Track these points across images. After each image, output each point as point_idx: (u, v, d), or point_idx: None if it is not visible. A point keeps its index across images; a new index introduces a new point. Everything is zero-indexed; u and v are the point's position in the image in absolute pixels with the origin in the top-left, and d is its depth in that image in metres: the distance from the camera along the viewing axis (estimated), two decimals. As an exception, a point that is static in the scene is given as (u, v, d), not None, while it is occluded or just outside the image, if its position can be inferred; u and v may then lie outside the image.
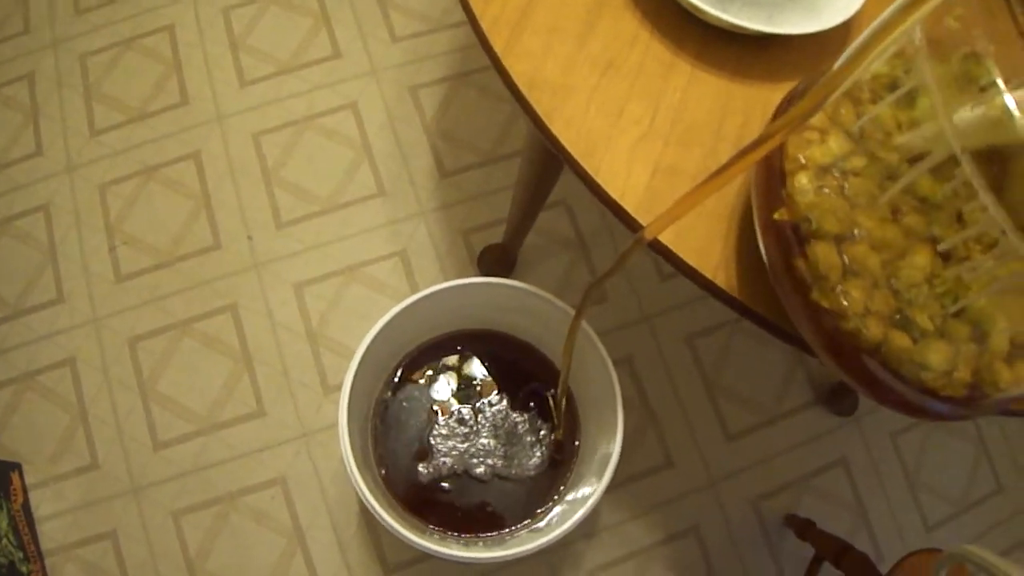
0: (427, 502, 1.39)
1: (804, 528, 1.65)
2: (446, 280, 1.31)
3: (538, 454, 1.40)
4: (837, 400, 1.81)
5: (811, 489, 1.79)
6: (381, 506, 1.14)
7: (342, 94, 1.91)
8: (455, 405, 1.44)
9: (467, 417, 1.43)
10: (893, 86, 0.66)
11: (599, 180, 0.81)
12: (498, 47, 0.86)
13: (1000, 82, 0.51)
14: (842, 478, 1.81)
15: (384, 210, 1.83)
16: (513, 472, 1.39)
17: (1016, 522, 1.93)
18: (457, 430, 1.42)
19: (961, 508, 1.89)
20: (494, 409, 1.43)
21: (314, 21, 1.96)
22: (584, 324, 1.23)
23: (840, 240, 0.67)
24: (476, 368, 1.47)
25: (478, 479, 1.39)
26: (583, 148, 0.82)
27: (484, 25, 0.87)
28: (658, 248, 0.80)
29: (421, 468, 1.40)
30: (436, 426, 1.42)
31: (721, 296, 0.80)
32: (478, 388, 1.45)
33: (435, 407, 1.44)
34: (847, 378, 0.69)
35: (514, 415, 1.43)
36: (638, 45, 0.88)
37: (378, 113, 1.90)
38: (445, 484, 1.40)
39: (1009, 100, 0.51)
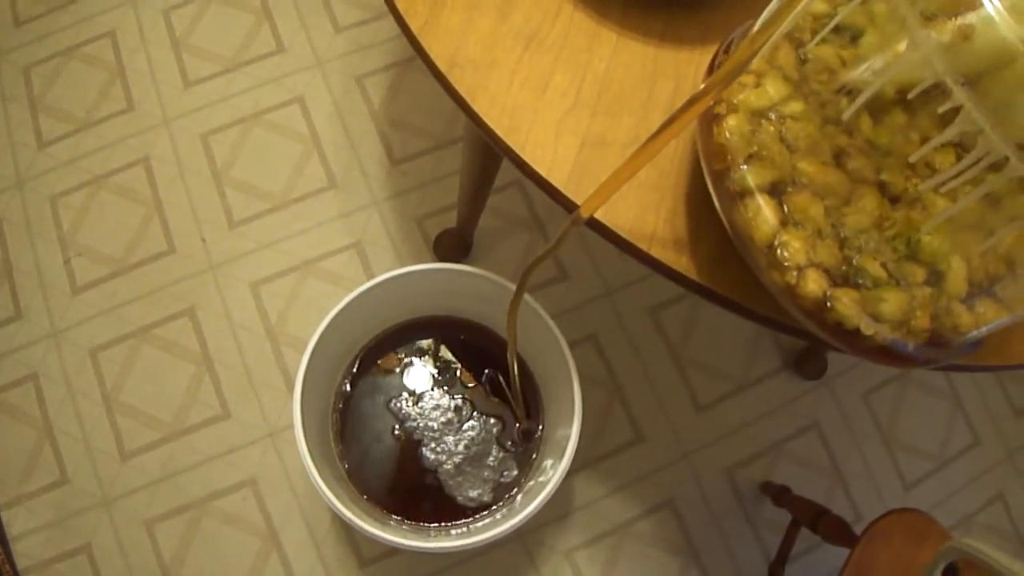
0: (396, 494, 1.37)
1: (780, 494, 1.64)
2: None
3: (481, 491, 1.38)
4: (806, 364, 1.80)
5: (785, 455, 1.78)
6: (343, 501, 1.13)
7: (288, 88, 1.88)
8: (429, 392, 1.42)
9: (442, 404, 1.41)
10: (835, 25, 0.64)
11: (525, 157, 0.79)
12: (415, 26, 0.84)
13: None
14: (816, 442, 1.81)
15: (336, 202, 1.81)
16: (451, 483, 1.38)
17: (995, 474, 1.92)
18: (431, 416, 1.40)
19: (939, 464, 1.89)
20: (470, 424, 1.41)
21: (256, 17, 1.93)
22: (536, 305, 1.21)
23: (779, 188, 0.65)
24: (445, 355, 1.45)
25: (430, 468, 1.38)
26: (507, 125, 0.80)
27: (401, 5, 0.85)
28: (593, 225, 0.78)
29: (394, 459, 1.38)
30: (406, 413, 1.40)
31: (659, 268, 0.78)
32: (451, 375, 1.43)
33: (404, 395, 1.42)
34: (815, 331, 0.67)
35: (485, 434, 1.41)
36: (561, 16, 0.86)
37: (325, 105, 1.87)
38: (413, 475, 1.38)
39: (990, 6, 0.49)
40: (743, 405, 1.79)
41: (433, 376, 1.43)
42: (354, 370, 1.41)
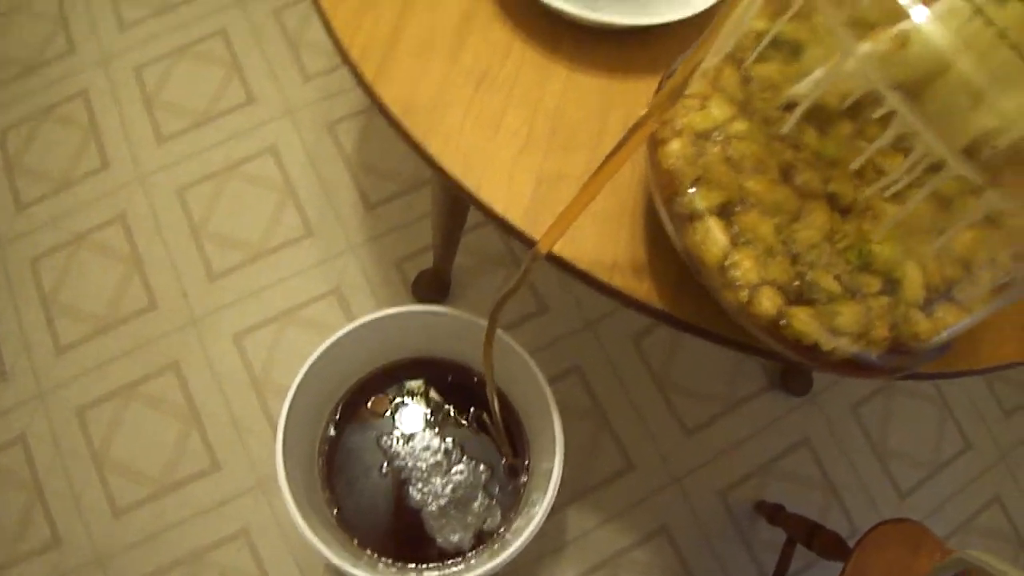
0: (385, 536, 1.36)
1: (774, 513, 1.64)
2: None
3: (462, 535, 1.37)
4: (791, 381, 1.81)
5: (777, 473, 1.78)
6: (332, 548, 1.12)
7: (260, 139, 1.89)
8: (420, 433, 1.42)
9: (432, 446, 1.41)
10: (775, 42, 0.64)
11: (481, 197, 0.80)
12: (369, 75, 0.84)
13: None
14: (807, 458, 1.81)
15: (314, 250, 1.81)
16: (434, 524, 1.38)
17: (989, 476, 1.93)
18: (420, 456, 1.40)
19: (932, 471, 1.89)
20: (459, 468, 1.40)
21: (225, 70, 1.95)
22: (511, 341, 1.21)
23: (728, 208, 0.65)
24: (434, 396, 1.45)
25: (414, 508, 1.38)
26: (463, 167, 0.81)
27: (354, 55, 0.85)
28: (553, 259, 0.79)
29: (382, 499, 1.38)
30: (395, 452, 1.40)
31: (621, 297, 0.79)
32: (442, 416, 1.43)
33: (395, 434, 1.42)
34: (776, 349, 0.67)
35: (472, 479, 1.40)
36: (512, 54, 0.87)
37: (298, 154, 1.89)
38: (400, 516, 1.38)
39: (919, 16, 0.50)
40: (731, 426, 1.79)
41: (423, 417, 1.43)
42: (338, 415, 1.41)
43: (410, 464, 1.39)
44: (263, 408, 1.71)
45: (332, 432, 1.41)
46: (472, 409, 1.43)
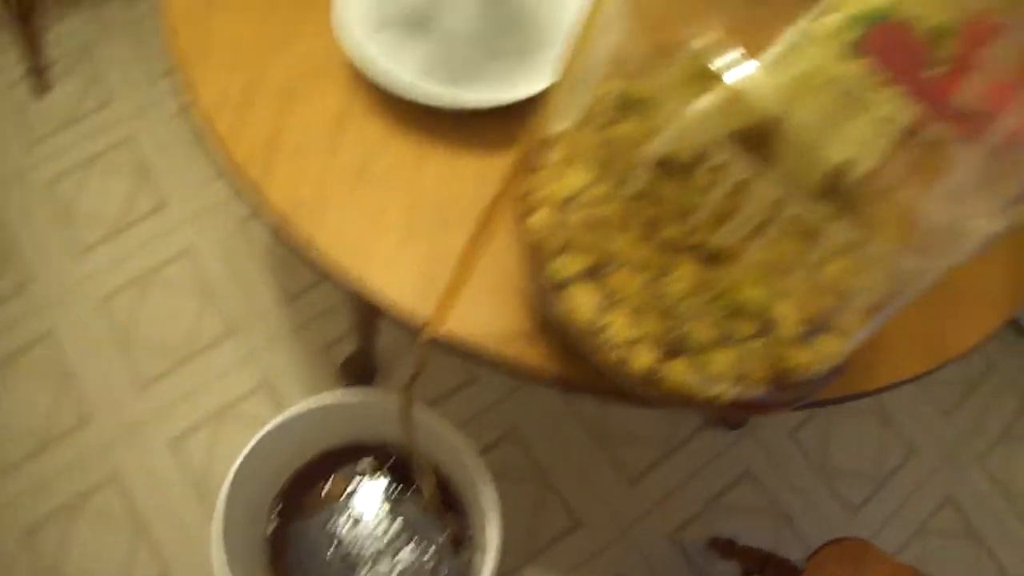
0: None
1: (726, 548, 1.65)
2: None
3: None
4: (726, 417, 1.83)
5: (725, 508, 1.80)
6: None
7: (176, 242, 1.90)
8: (366, 515, 1.41)
9: (378, 529, 1.40)
10: (628, 102, 0.66)
11: (370, 289, 0.81)
12: (254, 178, 0.86)
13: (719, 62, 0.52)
14: (752, 488, 1.83)
15: (240, 346, 1.82)
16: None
17: (938, 478, 1.96)
18: (367, 539, 1.39)
19: (879, 482, 1.92)
20: (407, 549, 1.40)
21: (135, 177, 1.95)
22: (431, 416, 1.22)
23: (596, 272, 0.67)
24: (378, 478, 1.44)
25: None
26: (348, 262, 0.83)
27: (238, 162, 0.87)
28: (444, 342, 0.80)
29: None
30: (342, 535, 1.39)
31: (514, 370, 0.80)
32: (387, 497, 1.43)
33: (342, 518, 1.41)
34: (664, 403, 0.68)
35: (419, 564, 1.40)
36: (388, 146, 0.89)
37: (214, 252, 1.89)
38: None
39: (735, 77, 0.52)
40: (673, 469, 1.81)
41: (370, 500, 1.43)
42: (280, 506, 1.41)
43: (356, 549, 1.39)
44: (208, 511, 1.69)
45: (276, 523, 1.40)
46: (415, 487, 1.43)
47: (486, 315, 0.81)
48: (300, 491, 1.44)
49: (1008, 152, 0.55)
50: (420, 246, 0.84)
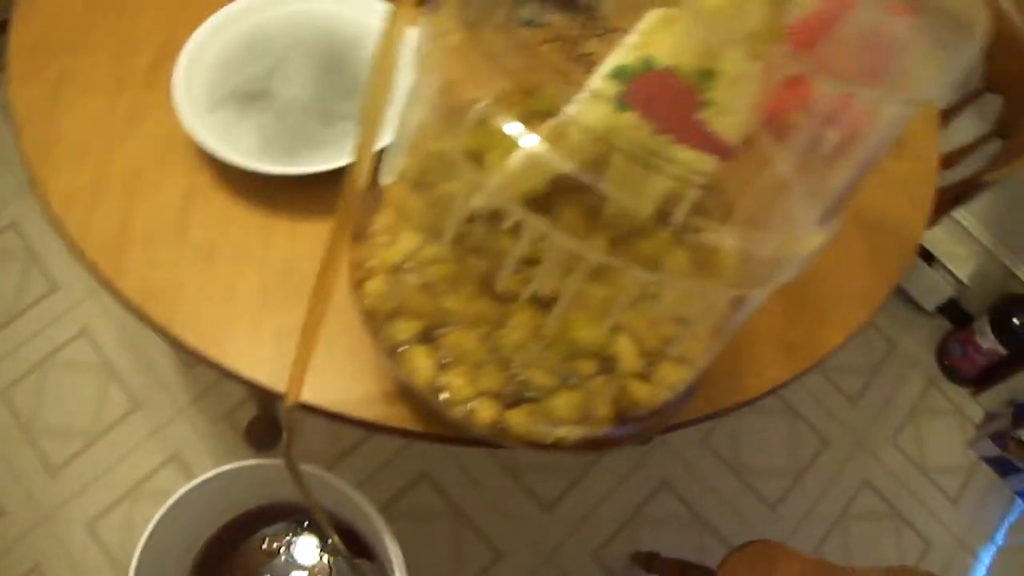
0: None
1: (649, 561, 1.68)
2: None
3: None
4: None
5: (645, 520, 1.83)
6: None
7: (71, 323, 1.89)
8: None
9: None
10: (449, 160, 0.66)
11: (228, 366, 0.82)
12: (108, 273, 0.87)
13: (511, 127, 0.53)
14: (670, 498, 1.86)
15: (146, 421, 1.81)
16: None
17: (853, 465, 2.02)
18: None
19: (795, 476, 1.96)
20: None
21: (23, 264, 1.93)
22: (328, 476, 1.22)
23: (431, 333, 0.68)
24: (299, 537, 1.44)
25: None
26: (207, 341, 0.84)
27: (89, 256, 0.88)
28: (307, 408, 0.81)
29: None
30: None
31: (378, 429, 0.82)
32: (304, 559, 1.42)
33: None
34: (521, 448, 0.69)
35: None
36: (234, 221, 0.90)
37: (110, 330, 1.88)
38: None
39: (526, 141, 0.53)
40: (588, 490, 1.84)
41: (291, 558, 1.42)
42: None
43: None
44: (132, 591, 1.68)
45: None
46: (328, 547, 1.43)
47: (343, 379, 0.83)
48: (218, 559, 1.43)
49: (804, 173, 0.58)
50: (274, 318, 0.85)
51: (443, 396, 0.67)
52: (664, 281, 0.60)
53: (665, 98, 0.49)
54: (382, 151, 0.73)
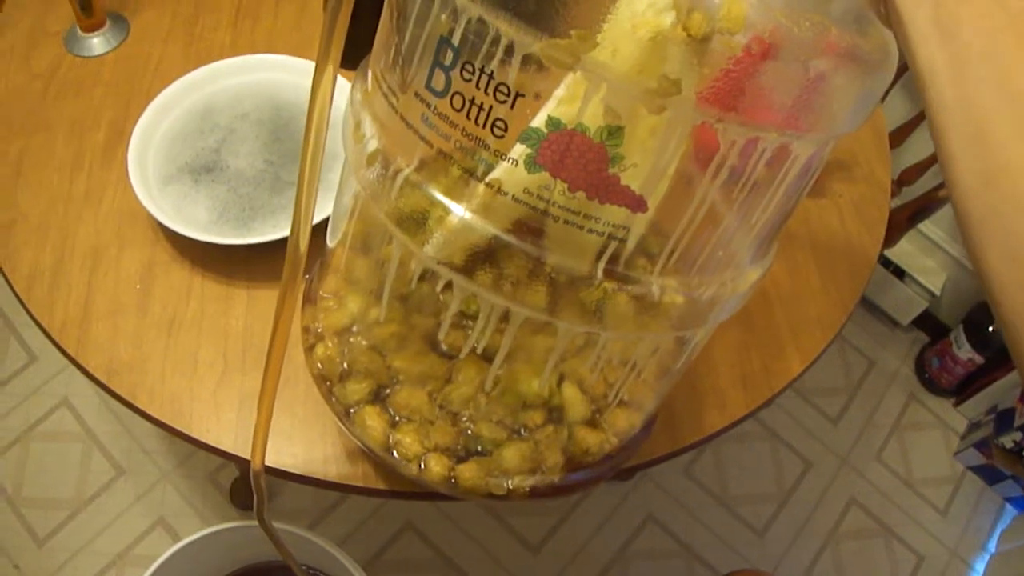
0: None
1: (639, 595, 1.68)
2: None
3: None
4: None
5: (634, 555, 1.83)
6: None
7: (51, 394, 1.90)
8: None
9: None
10: (399, 219, 0.67)
11: (194, 435, 0.84)
12: (72, 350, 0.88)
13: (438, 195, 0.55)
14: (657, 532, 1.86)
15: (130, 487, 1.81)
16: None
17: (838, 484, 2.02)
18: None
19: (781, 500, 1.97)
20: None
21: (1, 336, 1.95)
22: (310, 535, 1.22)
23: (381, 393, 0.70)
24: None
25: None
26: (171, 412, 0.85)
27: (54, 334, 0.89)
28: (273, 471, 0.82)
29: None
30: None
31: (343, 489, 0.83)
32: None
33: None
34: (477, 502, 0.70)
35: None
36: (194, 293, 0.92)
37: (91, 398, 1.89)
38: None
39: (459, 211, 0.54)
40: (574, 529, 1.84)
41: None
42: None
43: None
44: (121, 661, 1.68)
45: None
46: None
47: (307, 442, 0.84)
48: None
49: (734, 212, 0.59)
50: (235, 385, 0.87)
51: (396, 453, 0.68)
52: (606, 330, 0.61)
53: (575, 156, 0.50)
54: (328, 218, 0.75)
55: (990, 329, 2.03)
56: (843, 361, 2.23)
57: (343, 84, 0.90)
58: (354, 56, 0.65)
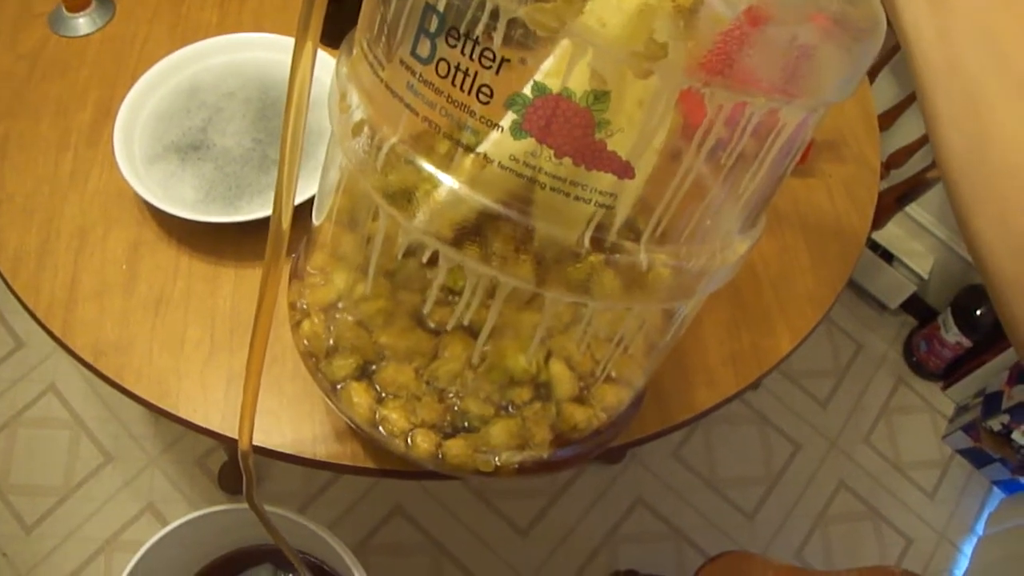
0: None
1: (628, 578, 1.68)
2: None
3: None
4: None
5: (623, 538, 1.83)
6: None
7: (38, 380, 1.89)
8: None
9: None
10: (387, 195, 0.67)
11: (181, 415, 0.83)
12: (58, 331, 0.88)
13: (426, 166, 0.54)
14: (646, 515, 1.86)
15: (118, 473, 1.81)
16: None
17: (827, 467, 2.03)
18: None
19: (770, 483, 1.97)
20: None
21: (-14, 322, 1.94)
22: (299, 517, 1.22)
23: (368, 369, 0.69)
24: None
25: None
26: (158, 392, 0.84)
27: (40, 314, 0.89)
28: (261, 451, 0.82)
29: None
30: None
31: (332, 468, 0.83)
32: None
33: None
34: (465, 479, 0.70)
35: None
36: (180, 272, 0.92)
37: (78, 383, 1.89)
38: None
39: (447, 181, 0.54)
40: (563, 512, 1.85)
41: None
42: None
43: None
44: (112, 646, 1.68)
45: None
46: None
47: (295, 421, 0.84)
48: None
49: (721, 182, 0.59)
50: (223, 365, 0.86)
51: (382, 430, 0.68)
52: (593, 300, 0.61)
53: (561, 121, 0.50)
54: (314, 196, 0.75)
55: (978, 312, 2.04)
56: (832, 344, 2.24)
57: (328, 61, 0.90)
58: (338, 34, 0.65)
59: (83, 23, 1.11)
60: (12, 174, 0.97)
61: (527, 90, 0.49)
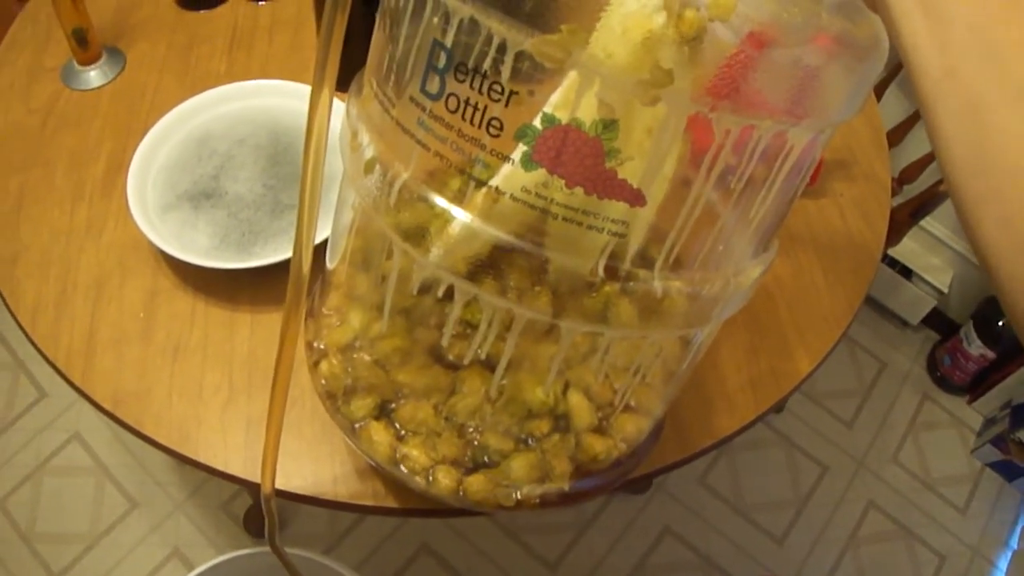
0: None
1: (659, 608, 1.67)
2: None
3: None
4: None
5: (652, 569, 1.82)
6: None
7: (63, 429, 1.90)
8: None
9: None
10: (401, 233, 0.67)
11: (201, 460, 0.83)
12: (78, 380, 0.88)
13: (438, 201, 0.54)
14: (675, 544, 1.85)
15: (144, 519, 1.81)
16: None
17: (856, 487, 2.00)
18: None
19: (798, 507, 1.95)
20: None
21: (11, 371, 1.95)
22: (326, 559, 1.22)
23: (387, 407, 0.69)
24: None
25: None
26: (178, 438, 0.85)
27: (60, 364, 0.89)
28: (282, 494, 0.82)
29: None
30: None
31: (354, 509, 0.82)
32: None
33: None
34: (488, 514, 0.69)
35: None
36: (197, 319, 0.92)
37: (102, 431, 1.89)
38: None
39: (460, 216, 0.54)
40: (590, 545, 1.83)
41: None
42: None
43: None
44: None
45: None
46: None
47: (315, 462, 0.84)
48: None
49: (732, 206, 0.59)
50: (242, 409, 0.86)
51: (403, 467, 0.68)
52: (610, 329, 0.61)
53: (571, 151, 0.50)
54: (328, 239, 0.75)
55: (1000, 324, 2.02)
56: (854, 364, 2.23)
57: (337, 105, 0.90)
58: (344, 77, 0.66)
59: (94, 76, 1.12)
60: (28, 226, 0.98)
61: (536, 122, 0.49)
